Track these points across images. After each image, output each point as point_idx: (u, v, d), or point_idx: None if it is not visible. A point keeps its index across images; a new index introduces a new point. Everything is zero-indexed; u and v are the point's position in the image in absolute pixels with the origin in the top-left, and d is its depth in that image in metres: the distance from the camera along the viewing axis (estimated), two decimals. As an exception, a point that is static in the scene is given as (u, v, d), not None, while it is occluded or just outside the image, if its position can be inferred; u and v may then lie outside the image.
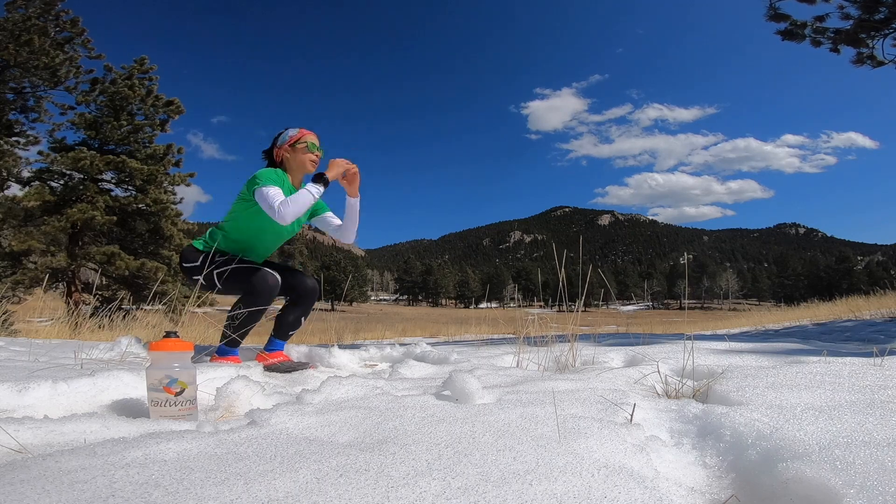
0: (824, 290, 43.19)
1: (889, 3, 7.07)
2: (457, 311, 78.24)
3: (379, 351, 2.91)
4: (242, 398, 1.36)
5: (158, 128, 13.06)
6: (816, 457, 0.82)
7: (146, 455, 0.81)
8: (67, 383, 1.33)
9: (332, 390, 1.41)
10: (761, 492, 0.81)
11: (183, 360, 1.27)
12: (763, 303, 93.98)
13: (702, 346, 2.65)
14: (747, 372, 1.60)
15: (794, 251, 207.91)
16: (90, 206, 11.31)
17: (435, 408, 1.18)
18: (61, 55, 11.06)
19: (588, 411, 1.17)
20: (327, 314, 15.34)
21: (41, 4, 10.84)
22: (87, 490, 0.67)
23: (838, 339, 5.27)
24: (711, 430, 1.07)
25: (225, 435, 0.95)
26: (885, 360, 1.77)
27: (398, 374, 2.07)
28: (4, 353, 2.40)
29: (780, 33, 8.02)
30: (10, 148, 10.81)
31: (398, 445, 0.90)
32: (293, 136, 2.39)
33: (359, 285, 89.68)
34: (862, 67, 7.70)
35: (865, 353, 2.39)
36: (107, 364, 2.02)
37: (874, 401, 1.19)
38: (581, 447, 0.89)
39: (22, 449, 0.88)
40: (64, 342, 3.43)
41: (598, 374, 1.79)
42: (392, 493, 0.71)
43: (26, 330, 5.66)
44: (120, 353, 2.33)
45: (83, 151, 11.51)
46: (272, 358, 2.39)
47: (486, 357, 2.58)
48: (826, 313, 11.29)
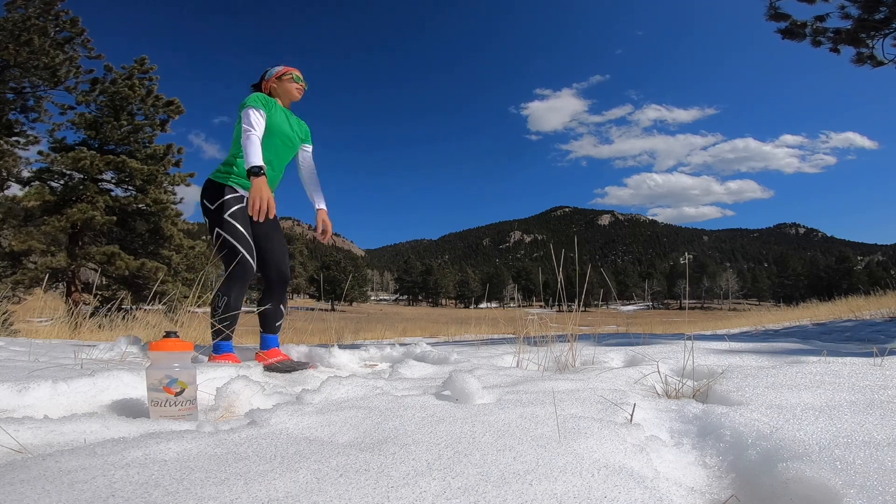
0: (824, 290, 43.22)
1: (889, 3, 7.07)
2: (457, 311, 78.23)
3: (379, 351, 2.91)
4: (242, 398, 1.36)
5: (158, 128, 13.06)
6: (816, 457, 0.82)
7: (146, 455, 0.81)
8: (67, 383, 1.33)
9: (332, 390, 1.41)
10: (761, 492, 0.81)
11: (183, 360, 1.27)
12: (763, 303, 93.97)
13: (702, 346, 2.65)
14: (747, 372, 1.60)
15: (794, 251, 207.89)
16: (90, 206, 11.31)
17: (435, 408, 1.18)
18: (61, 55, 11.05)
19: (588, 411, 1.17)
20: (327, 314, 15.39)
21: (41, 4, 10.83)
22: (87, 490, 0.67)
23: (838, 339, 5.27)
24: (711, 430, 1.07)
25: (225, 435, 0.95)
26: (885, 360, 1.77)
27: (398, 374, 2.07)
28: (4, 353, 2.40)
29: (781, 32, 8.02)
30: (10, 148, 10.80)
31: (398, 445, 0.90)
32: (279, 71, 2.61)
33: (359, 285, 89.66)
34: (862, 67, 7.70)
35: (865, 353, 2.39)
36: (107, 364, 2.02)
37: (874, 401, 1.19)
38: (581, 447, 0.89)
39: (22, 449, 0.88)
40: (64, 342, 3.43)
41: (598, 374, 1.79)
42: (392, 493, 0.71)
43: (26, 330, 5.66)
44: (120, 353, 2.33)
45: (83, 151, 11.51)
46: (270, 356, 2.39)
47: (486, 357, 2.58)
48: (826, 313, 11.29)
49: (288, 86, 2.59)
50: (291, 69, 2.62)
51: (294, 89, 2.60)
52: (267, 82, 2.62)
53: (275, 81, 2.60)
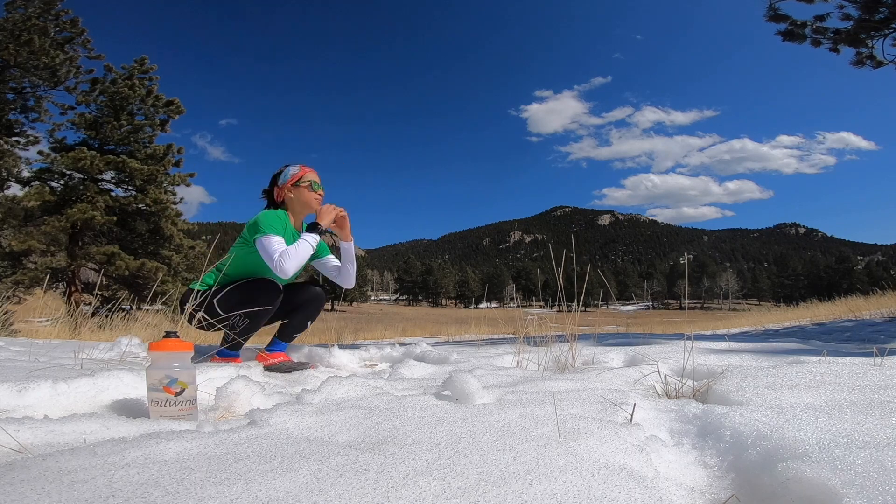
0: (824, 290, 43.21)
1: (889, 4, 7.07)
2: (457, 311, 78.20)
3: (379, 351, 2.92)
4: (242, 398, 1.36)
5: (158, 128, 13.05)
6: (816, 457, 0.82)
7: (146, 455, 0.81)
8: (67, 383, 1.33)
9: (332, 390, 1.41)
10: (761, 492, 0.81)
11: (183, 360, 1.27)
12: (763, 303, 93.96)
13: (702, 346, 2.65)
14: (747, 372, 1.60)
15: (794, 251, 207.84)
16: (90, 206, 11.30)
17: (435, 408, 1.18)
18: (61, 55, 11.05)
19: (588, 411, 1.17)
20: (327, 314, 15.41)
21: (41, 4, 10.82)
22: (87, 490, 0.67)
23: (838, 339, 5.27)
24: (711, 430, 1.07)
25: (225, 435, 0.95)
26: (884, 360, 1.77)
27: (398, 374, 2.07)
28: (4, 353, 2.40)
29: (781, 34, 8.02)
30: (10, 148, 10.79)
31: (398, 445, 0.90)
32: (295, 175, 2.36)
33: (359, 285, 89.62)
34: (862, 68, 7.70)
35: (865, 353, 2.39)
36: (107, 364, 2.02)
37: (874, 401, 1.19)
38: (581, 447, 0.89)
39: (22, 449, 0.88)
40: (64, 342, 3.43)
41: (597, 374, 1.79)
42: (392, 493, 0.71)
43: (26, 330, 5.66)
44: (120, 353, 2.33)
45: (83, 151, 11.50)
46: (272, 358, 2.39)
47: (486, 357, 2.58)
48: (826, 313, 11.28)
49: (306, 196, 2.34)
50: (308, 171, 2.38)
51: (312, 200, 2.35)
52: (280, 189, 2.37)
53: (290, 189, 2.35)
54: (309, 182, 2.36)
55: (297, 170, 2.38)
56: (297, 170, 2.38)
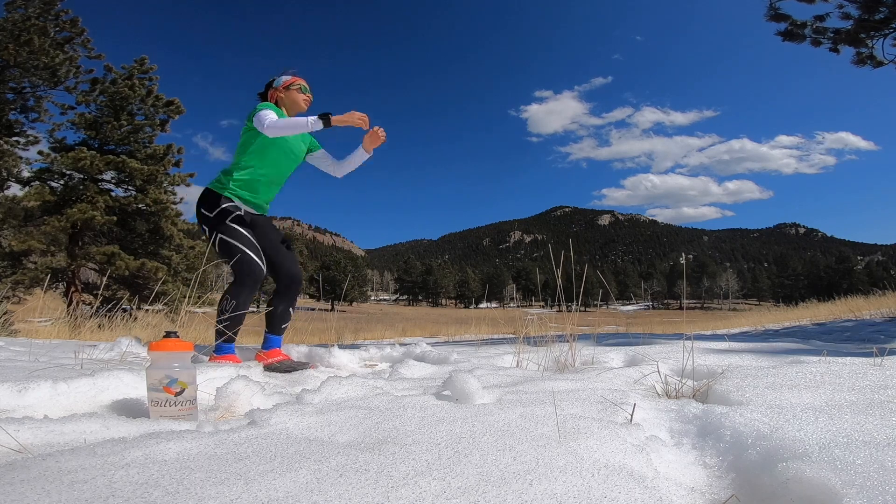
0: (824, 290, 43.21)
1: (889, 4, 7.07)
2: (457, 311, 78.20)
3: (379, 351, 2.92)
4: (242, 398, 1.36)
5: (158, 128, 13.06)
6: (816, 457, 0.82)
7: (146, 455, 0.81)
8: (67, 383, 1.33)
9: (332, 390, 1.41)
10: (761, 492, 0.81)
11: (183, 360, 1.27)
12: (763, 303, 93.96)
13: (702, 346, 2.65)
14: (747, 372, 1.60)
15: (794, 251, 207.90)
16: (90, 206, 11.31)
17: (435, 408, 1.18)
18: (61, 55, 11.05)
19: (588, 411, 1.17)
20: (327, 314, 15.36)
21: (41, 4, 10.83)
22: (87, 490, 0.67)
23: (838, 339, 5.27)
24: (711, 430, 1.07)
25: (225, 435, 0.95)
26: (884, 360, 1.77)
27: (398, 374, 2.07)
28: (4, 353, 2.40)
29: (781, 34, 8.02)
30: (10, 148, 10.80)
31: (398, 445, 0.90)
32: (286, 80, 2.57)
33: (359, 285, 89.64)
34: (862, 68, 7.70)
35: (865, 353, 2.39)
36: (107, 364, 2.02)
37: (874, 401, 1.19)
38: (581, 447, 0.89)
39: (22, 449, 0.87)
40: (64, 342, 3.43)
41: (597, 374, 1.79)
42: (392, 492, 0.71)
43: (26, 330, 5.66)
44: (120, 353, 2.33)
45: (83, 151, 11.51)
46: (271, 357, 2.39)
47: (486, 357, 2.58)
48: (826, 313, 11.28)
49: (295, 96, 2.56)
50: (298, 79, 2.59)
51: (301, 100, 2.56)
52: (274, 91, 2.57)
53: (282, 91, 2.56)
54: (299, 86, 2.57)
55: (289, 77, 2.59)
56: (289, 77, 2.59)
